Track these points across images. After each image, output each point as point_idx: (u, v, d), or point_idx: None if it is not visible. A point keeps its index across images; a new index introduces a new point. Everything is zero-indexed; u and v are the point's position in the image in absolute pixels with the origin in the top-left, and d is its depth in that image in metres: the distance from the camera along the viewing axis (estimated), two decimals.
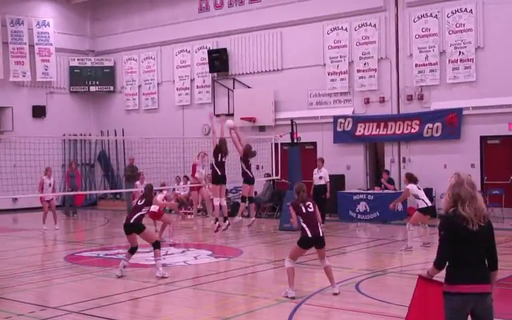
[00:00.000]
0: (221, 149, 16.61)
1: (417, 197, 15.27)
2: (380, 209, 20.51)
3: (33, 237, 16.37)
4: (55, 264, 14.03)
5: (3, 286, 11.71)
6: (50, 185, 19.88)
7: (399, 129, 21.97)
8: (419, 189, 15.39)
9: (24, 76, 27.94)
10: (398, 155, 22.29)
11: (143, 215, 12.25)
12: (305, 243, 10.32)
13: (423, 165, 21.27)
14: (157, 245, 12.09)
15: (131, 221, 12.04)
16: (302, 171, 19.96)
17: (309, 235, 10.20)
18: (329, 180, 19.96)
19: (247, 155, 17.17)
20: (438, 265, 5.39)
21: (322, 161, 20.45)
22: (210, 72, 26.41)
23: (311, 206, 10.49)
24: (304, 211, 10.40)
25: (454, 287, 5.27)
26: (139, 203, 12.44)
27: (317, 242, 10.29)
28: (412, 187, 15.28)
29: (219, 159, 16.60)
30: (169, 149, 23.14)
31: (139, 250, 12.50)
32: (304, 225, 10.28)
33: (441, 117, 21.14)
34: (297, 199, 10.61)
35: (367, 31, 22.80)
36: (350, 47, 23.12)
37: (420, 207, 15.21)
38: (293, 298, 9.93)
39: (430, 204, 15.57)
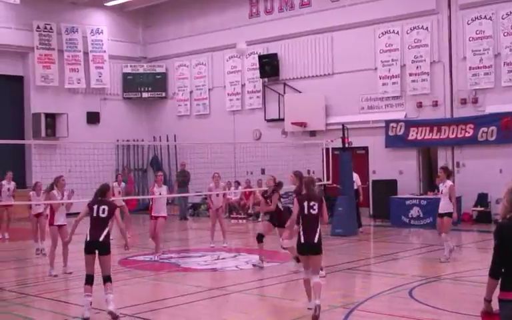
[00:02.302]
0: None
1: (450, 198, 13.91)
2: (433, 214, 20.15)
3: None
4: None
5: (58, 289, 11.97)
6: (8, 190, 18.99)
7: (452, 133, 21.63)
8: None
9: (78, 83, 28.50)
10: (452, 159, 21.93)
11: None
12: (297, 249, 9.58)
13: (477, 169, 20.90)
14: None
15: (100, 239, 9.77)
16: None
17: (302, 240, 9.37)
18: (360, 184, 19.86)
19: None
20: (492, 273, 5.27)
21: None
22: (260, 77, 26.49)
23: (316, 207, 9.51)
24: (306, 211, 9.45)
25: (507, 295, 5.17)
26: (101, 215, 9.88)
27: (307, 249, 9.39)
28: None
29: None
30: (220, 154, 23.30)
31: (191, 254, 12.57)
32: (300, 228, 9.41)
33: (496, 120, 20.73)
34: (305, 193, 9.68)
35: (419, 33, 22.53)
36: (402, 50, 22.88)
37: (450, 211, 13.92)
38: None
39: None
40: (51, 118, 27.24)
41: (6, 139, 18.68)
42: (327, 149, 21.02)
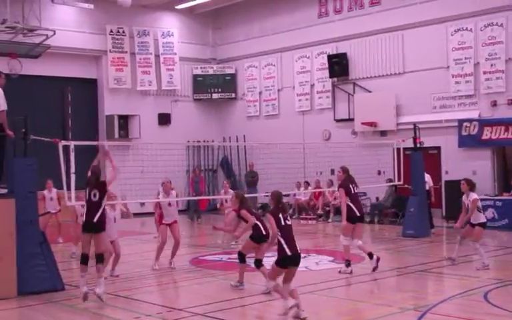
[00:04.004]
0: (350, 178, 13.58)
1: (479, 209, 13.52)
2: (509, 215, 19.67)
3: (158, 241, 16.91)
4: (180, 267, 14.41)
5: (131, 287, 12.20)
6: (51, 199, 18.43)
7: None
8: None
9: (150, 85, 29.00)
10: None
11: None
12: (284, 262, 9.26)
13: None
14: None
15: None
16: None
17: (288, 252, 9.17)
18: (432, 184, 19.44)
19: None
20: None
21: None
22: (330, 77, 26.32)
23: (289, 218, 9.51)
24: (283, 222, 9.31)
25: None
26: (93, 199, 11.08)
27: (296, 261, 9.31)
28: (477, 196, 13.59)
29: (353, 190, 13.40)
30: (290, 154, 23.28)
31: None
32: (282, 240, 9.19)
33: None
34: (277, 208, 9.48)
35: (494, 30, 21.93)
36: (475, 47, 22.32)
37: (482, 221, 13.51)
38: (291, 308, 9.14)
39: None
40: (124, 119, 27.85)
41: (81, 140, 19.13)
42: (398, 149, 20.75)
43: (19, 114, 12.09)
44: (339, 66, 25.80)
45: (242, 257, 11.85)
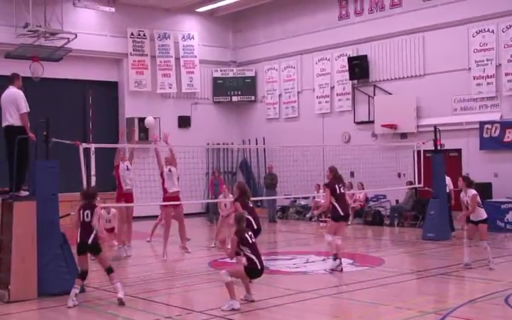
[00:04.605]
0: (337, 178, 14.11)
1: (479, 205, 13.53)
2: None
3: (176, 243, 16.98)
4: (199, 269, 14.45)
5: (150, 289, 12.25)
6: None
7: None
8: None
9: (170, 88, 29.09)
10: None
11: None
12: (253, 274, 10.56)
13: None
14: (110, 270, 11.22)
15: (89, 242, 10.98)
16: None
17: (258, 266, 10.41)
18: (452, 187, 19.26)
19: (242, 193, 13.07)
20: None
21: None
22: (350, 79, 26.24)
23: (253, 236, 10.70)
24: (250, 241, 10.47)
25: None
26: (86, 219, 11.05)
27: (261, 274, 10.62)
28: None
29: (338, 190, 13.90)
30: (309, 156, 23.22)
31: (280, 257, 12.59)
32: (253, 257, 10.38)
33: None
34: (241, 228, 10.62)
35: None
36: (497, 49, 22.13)
37: (483, 217, 13.52)
38: (238, 309, 10.01)
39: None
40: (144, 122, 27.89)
41: (102, 143, 19.23)
42: (419, 152, 20.65)
43: (40, 117, 12.19)
44: (359, 68, 25.72)
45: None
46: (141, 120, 27.64)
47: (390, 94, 25.06)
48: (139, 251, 17.40)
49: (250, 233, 10.56)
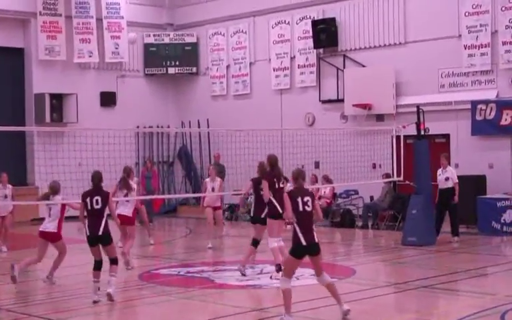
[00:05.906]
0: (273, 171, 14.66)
1: None
2: None
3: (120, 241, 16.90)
4: (127, 283, 14.34)
5: (63, 308, 12.10)
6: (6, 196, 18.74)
7: None
8: None
9: (90, 56, 28.77)
10: None
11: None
12: (298, 253, 11.01)
13: None
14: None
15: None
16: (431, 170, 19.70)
17: (303, 242, 10.93)
18: (457, 181, 19.52)
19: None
20: None
21: (446, 158, 20.12)
22: (314, 48, 26.38)
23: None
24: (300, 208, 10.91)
25: None
26: (95, 206, 12.39)
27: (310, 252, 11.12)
28: None
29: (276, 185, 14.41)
30: (264, 143, 23.28)
31: (228, 267, 12.62)
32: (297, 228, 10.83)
33: None
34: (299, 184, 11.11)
35: None
36: (493, 13, 22.52)
37: None
38: None
39: None
40: (57, 99, 27.60)
41: (3, 125, 18.90)
42: (398, 137, 20.88)
43: None
44: (325, 34, 25.84)
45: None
46: (54, 97, 27.37)
47: (363, 66, 25.29)
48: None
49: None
